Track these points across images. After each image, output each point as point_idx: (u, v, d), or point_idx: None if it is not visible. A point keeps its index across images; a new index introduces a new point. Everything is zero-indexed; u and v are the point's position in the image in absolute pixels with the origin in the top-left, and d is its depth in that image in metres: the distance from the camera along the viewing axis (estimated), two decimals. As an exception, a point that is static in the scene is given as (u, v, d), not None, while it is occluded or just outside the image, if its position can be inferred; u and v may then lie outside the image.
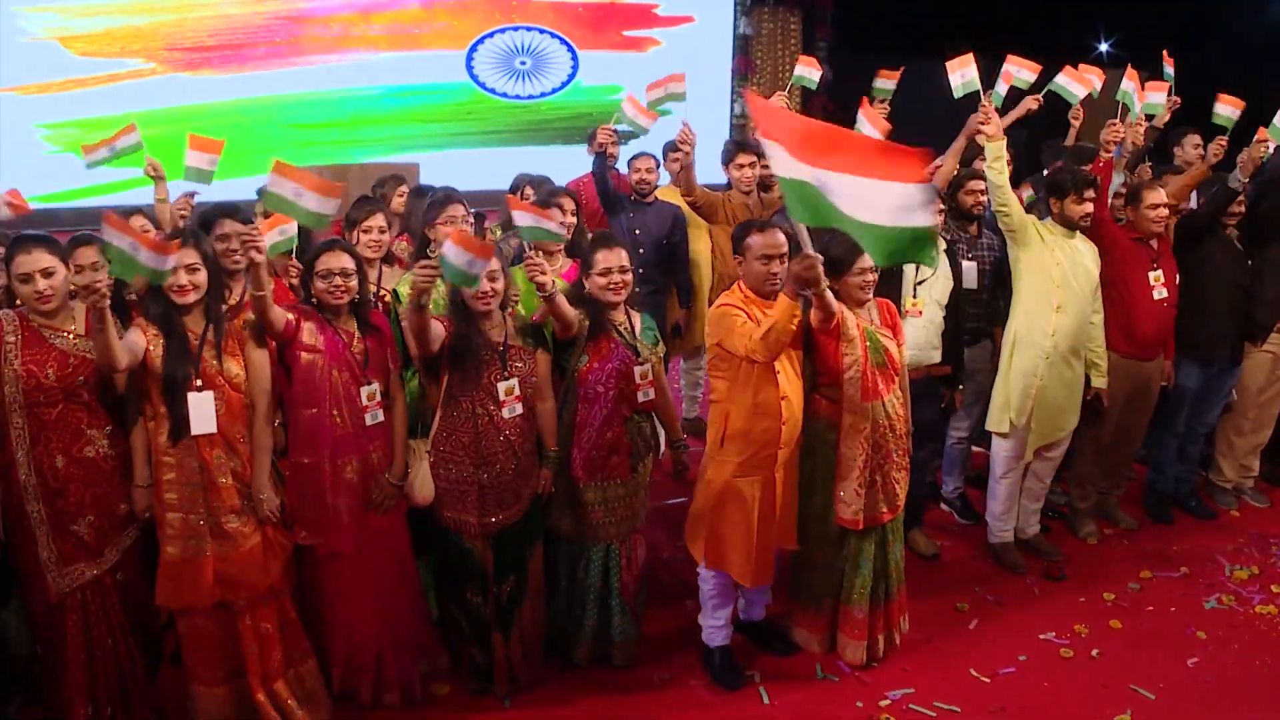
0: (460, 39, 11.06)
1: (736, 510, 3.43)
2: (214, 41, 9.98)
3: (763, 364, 3.32)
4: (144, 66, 9.68)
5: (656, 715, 3.47)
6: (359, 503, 3.31)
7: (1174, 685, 3.66)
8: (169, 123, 9.86)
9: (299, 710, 3.28)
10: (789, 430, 3.42)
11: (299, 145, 10.32)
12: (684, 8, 11.74)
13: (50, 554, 3.01)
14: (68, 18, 9.34)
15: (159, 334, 3.01)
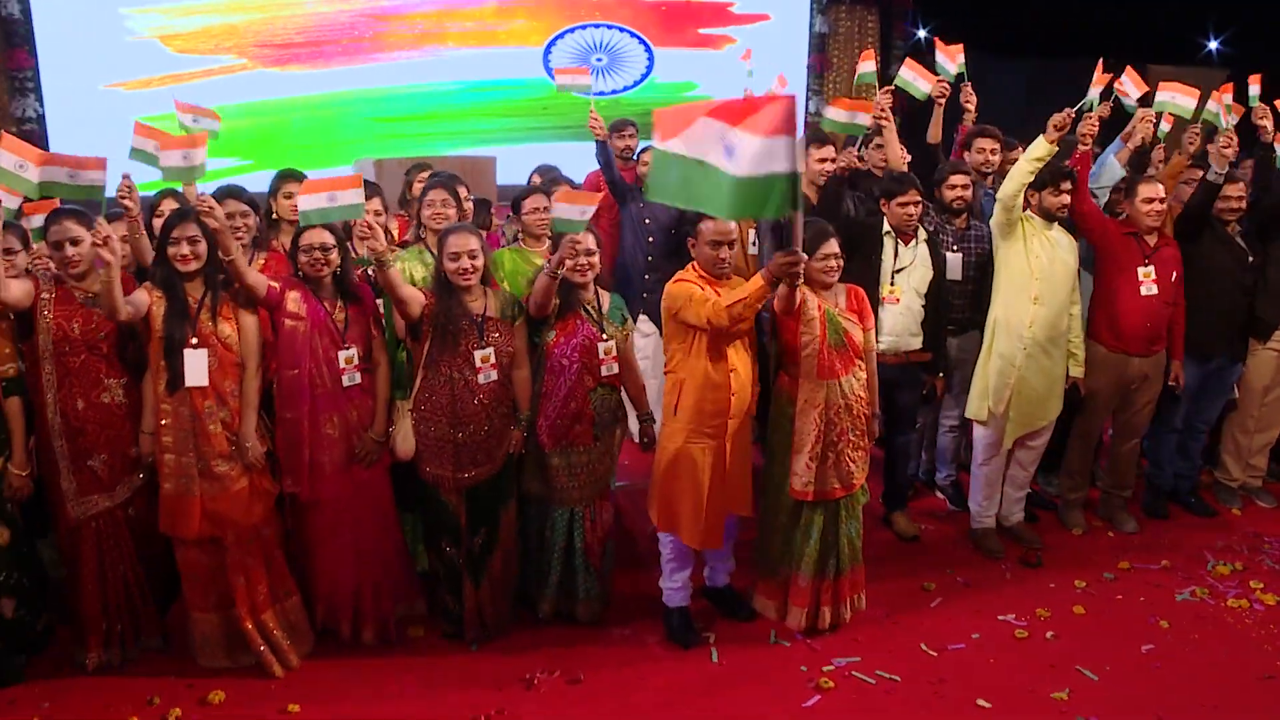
0: (537, 36, 11.50)
1: (687, 475, 3.68)
2: (301, 38, 10.65)
3: (713, 339, 3.57)
4: (235, 62, 10.41)
5: (608, 666, 3.75)
6: (340, 456, 3.68)
7: (1121, 669, 3.75)
8: (258, 115, 10.62)
9: (284, 640, 3.68)
10: (738, 402, 3.66)
11: (380, 138, 10.93)
12: (760, 5, 11.91)
13: (70, 485, 3.48)
14: (170, 17, 10.09)
15: (162, 296, 3.44)
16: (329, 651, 3.81)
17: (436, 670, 3.71)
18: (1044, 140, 4.14)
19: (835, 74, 12.17)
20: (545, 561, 3.96)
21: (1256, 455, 5.13)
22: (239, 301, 3.53)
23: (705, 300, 3.50)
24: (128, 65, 9.91)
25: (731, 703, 3.52)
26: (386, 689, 3.59)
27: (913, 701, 3.55)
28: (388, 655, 3.81)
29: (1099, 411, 4.71)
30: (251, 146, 10.50)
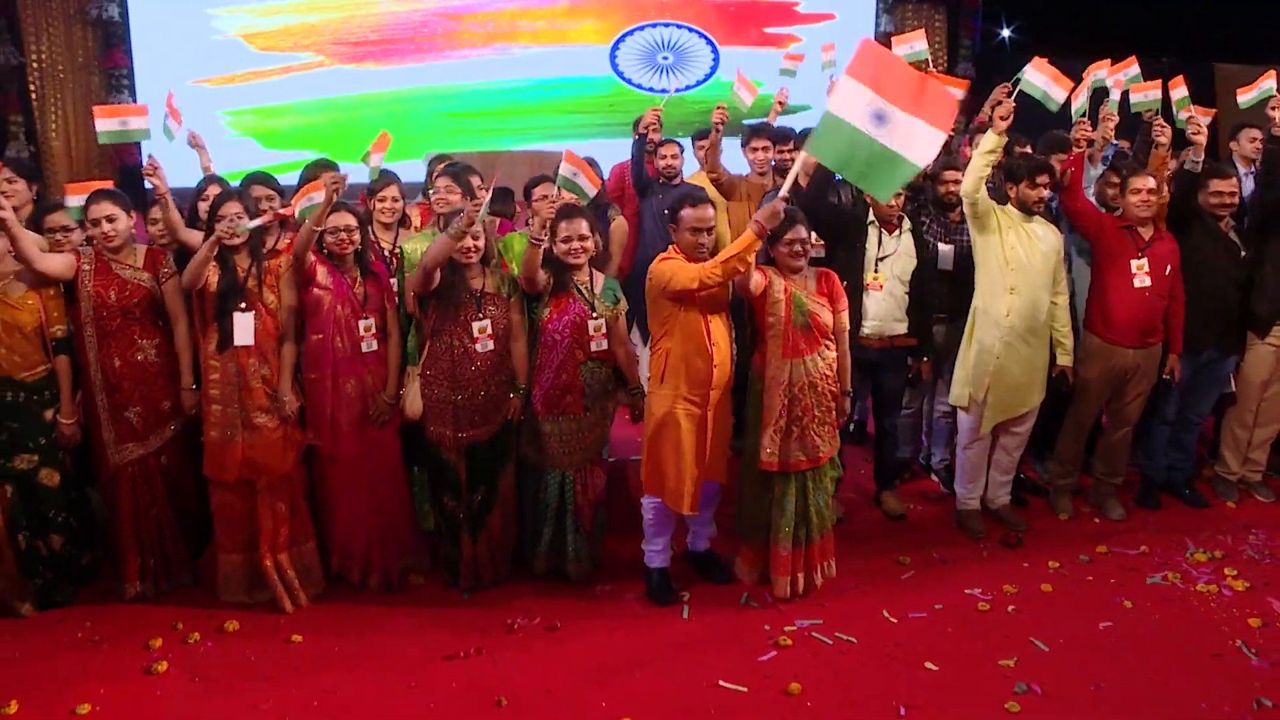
0: (605, 35, 11.88)
1: (670, 440, 3.98)
2: (376, 36, 11.24)
3: (695, 314, 3.89)
4: (313, 60, 11.05)
5: (586, 617, 4.09)
6: (358, 415, 4.11)
7: (1074, 642, 3.92)
8: (333, 110, 11.24)
9: (297, 580, 4.11)
10: (719, 374, 3.95)
11: (451, 133, 11.45)
12: (825, 5, 12.08)
13: (109, 434, 3.97)
14: (253, 17, 10.77)
15: (216, 266, 3.91)
16: (338, 595, 4.23)
17: (429, 614, 4.10)
18: (992, 133, 4.35)
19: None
20: (538, 522, 4.31)
21: (1256, 450, 5.20)
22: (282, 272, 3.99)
23: (694, 268, 3.82)
24: (213, 62, 10.62)
25: (690, 655, 3.82)
26: (381, 627, 3.99)
27: (864, 661, 3.80)
28: (389, 600, 4.22)
29: (1091, 400, 4.86)
30: (327, 140, 11.11)
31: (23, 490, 3.95)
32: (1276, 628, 4.04)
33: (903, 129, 3.36)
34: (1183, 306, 4.75)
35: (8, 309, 3.84)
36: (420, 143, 10.84)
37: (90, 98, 10.12)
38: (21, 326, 3.85)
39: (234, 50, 10.71)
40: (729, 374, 4.01)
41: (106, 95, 10.11)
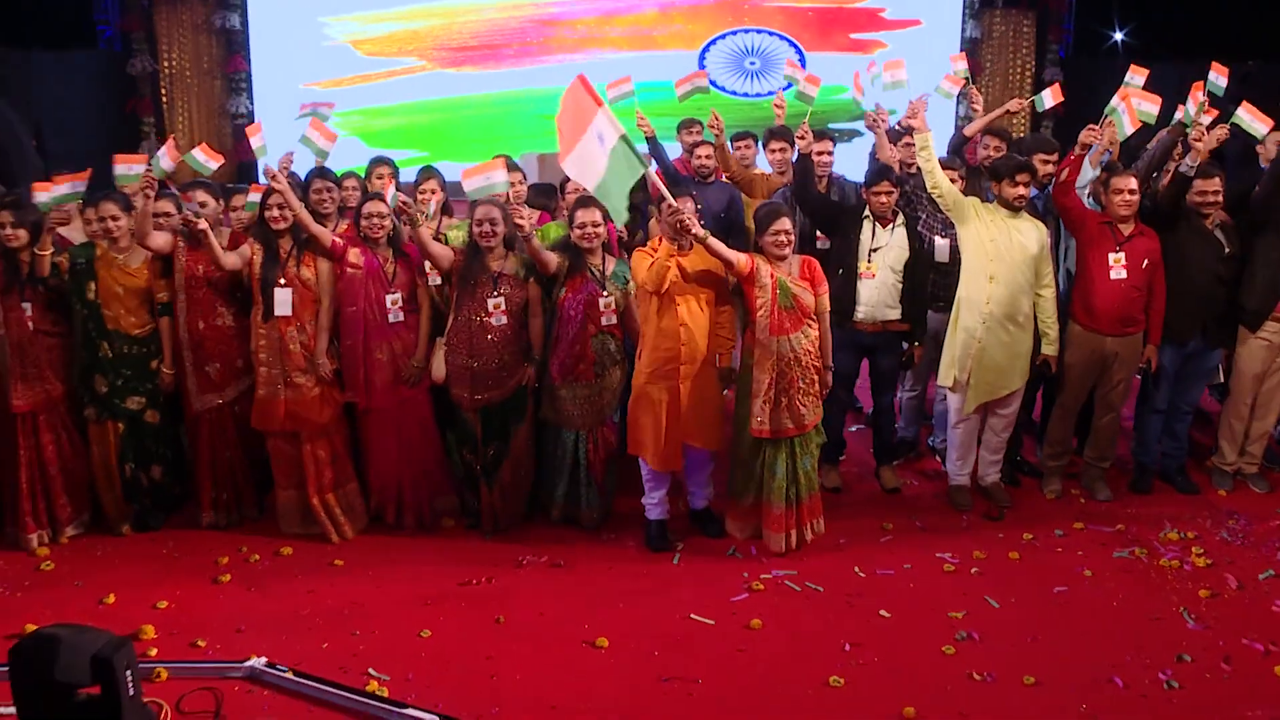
0: (694, 40, 12.54)
1: (647, 409, 4.62)
2: (475, 42, 12.17)
3: (668, 299, 4.52)
4: (416, 64, 12.04)
5: (588, 558, 4.75)
6: (389, 376, 4.85)
7: (1024, 601, 4.38)
8: (435, 112, 12.22)
9: (342, 516, 4.89)
10: (688, 351, 4.57)
11: (545, 134, 12.19)
12: (911, 11, 12.45)
13: (193, 384, 4.83)
14: (361, 24, 11.80)
15: (260, 247, 4.73)
16: (377, 531, 5.00)
17: (452, 549, 4.83)
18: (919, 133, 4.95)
19: (987, 78, 12.51)
20: (555, 475, 4.99)
21: (1253, 443, 5.47)
22: (316, 252, 4.79)
23: (644, 268, 4.47)
24: (324, 67, 11.71)
25: (671, 592, 4.43)
26: (410, 558, 4.73)
27: (824, 606, 4.34)
28: (421, 536, 4.97)
29: (1076, 385, 5.26)
30: (429, 139, 12.12)
31: (131, 427, 4.85)
32: (1223, 598, 4.41)
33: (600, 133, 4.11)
34: (1163, 299, 5.10)
35: (127, 275, 4.74)
36: (517, 142, 11.63)
37: (213, 100, 11.37)
38: (135, 289, 4.76)
39: (343, 55, 11.79)
40: (701, 350, 4.61)
41: (227, 98, 11.29)
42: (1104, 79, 10.08)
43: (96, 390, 4.80)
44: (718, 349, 4.80)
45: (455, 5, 11.95)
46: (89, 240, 4.87)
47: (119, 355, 4.79)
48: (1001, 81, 12.45)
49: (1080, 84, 11.89)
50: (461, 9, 12.00)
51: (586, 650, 4.01)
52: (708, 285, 4.63)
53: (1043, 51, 12.37)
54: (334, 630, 4.11)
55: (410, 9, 11.85)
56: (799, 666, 3.91)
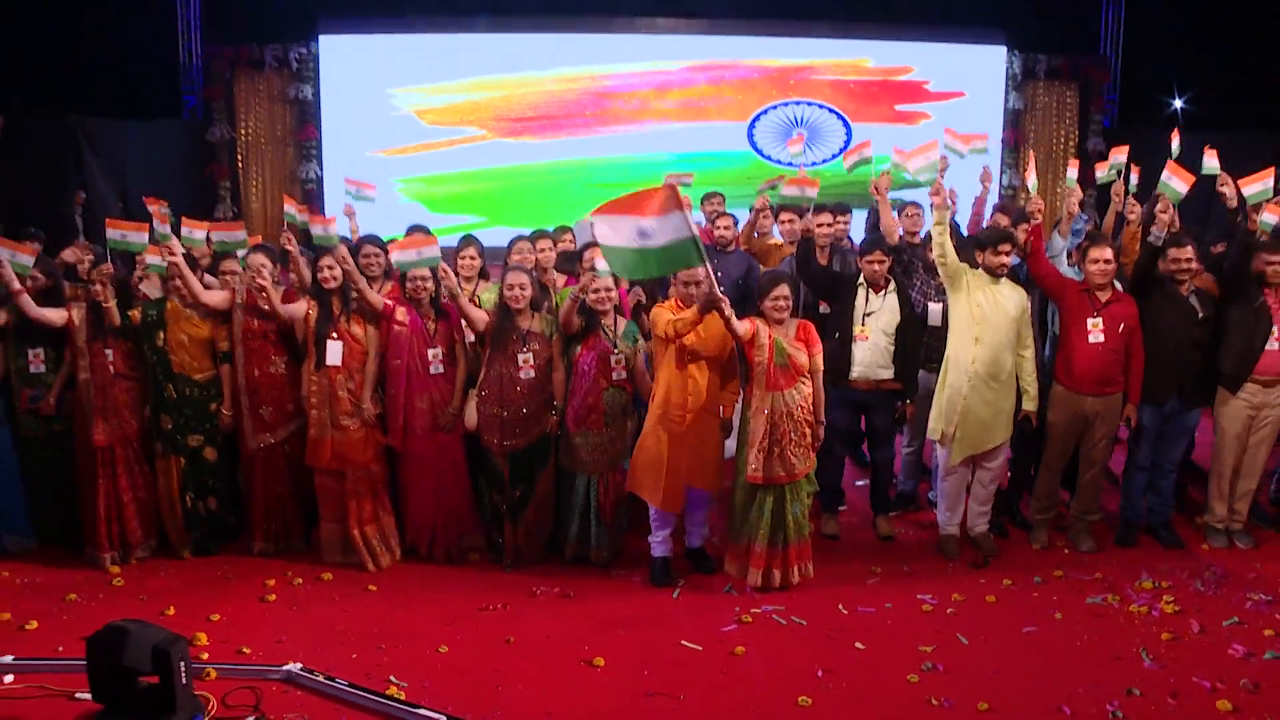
0: (743, 112, 13.35)
1: (650, 452, 5.23)
2: (534, 113, 13.09)
3: (678, 354, 5.15)
4: (477, 133, 13.00)
5: (596, 591, 5.34)
6: (427, 423, 5.54)
7: (993, 639, 4.84)
8: (494, 179, 13.15)
9: (378, 547, 5.56)
10: (693, 401, 5.18)
11: (600, 201, 13.01)
12: (955, 83, 13.10)
13: (249, 425, 5.58)
14: (425, 95, 12.80)
15: (315, 304, 5.49)
16: (410, 561, 5.66)
17: (474, 580, 5.46)
18: (939, 210, 5.42)
19: (1031, 148, 13.04)
20: (569, 515, 5.61)
21: (1239, 500, 5.87)
22: (365, 313, 5.52)
23: (667, 321, 5.10)
24: (390, 135, 12.73)
25: (667, 622, 4.99)
26: (437, 586, 5.37)
27: (805, 638, 4.86)
28: (448, 568, 5.61)
29: (1060, 443, 5.75)
30: (488, 206, 13.03)
31: (191, 462, 5.60)
32: (1183, 641, 4.83)
33: (661, 228, 4.58)
34: (1140, 361, 5.57)
35: (193, 326, 5.54)
36: (571, 209, 12.38)
37: (285, 166, 12.42)
38: (199, 338, 5.55)
39: (408, 125, 12.80)
40: (703, 402, 5.22)
41: (298, 165, 12.31)
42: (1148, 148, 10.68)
43: (162, 428, 5.58)
44: (722, 402, 5.39)
45: (515, 78, 12.91)
46: (162, 295, 5.67)
47: (183, 397, 5.57)
48: (1045, 151, 12.98)
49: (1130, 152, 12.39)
50: (521, 81, 12.95)
51: (584, 668, 4.58)
52: (716, 344, 5.25)
53: (1086, 121, 12.89)
54: (363, 643, 4.75)
55: (472, 81, 12.84)
56: (773, 688, 4.43)
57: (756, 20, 12.97)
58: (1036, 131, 12.96)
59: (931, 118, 13.07)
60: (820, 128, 13.20)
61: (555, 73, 12.91)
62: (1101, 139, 12.75)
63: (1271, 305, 5.61)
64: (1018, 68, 12.71)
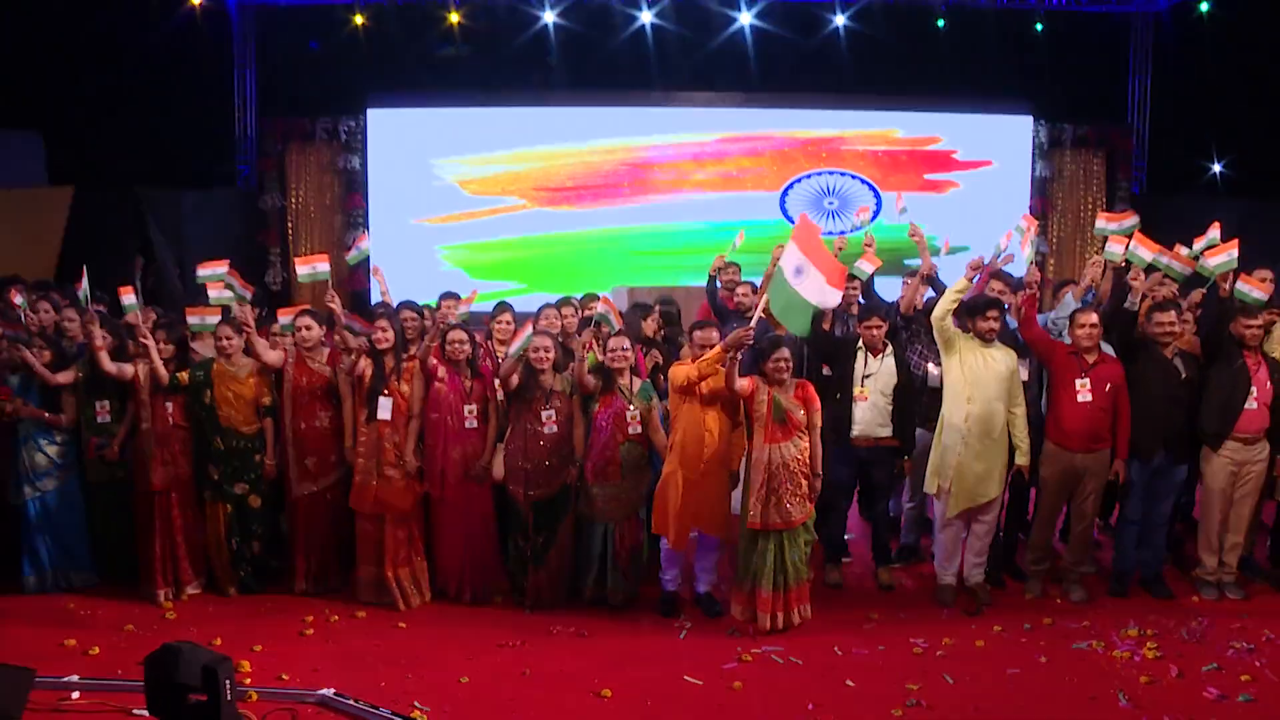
0: (776, 182, 14.04)
1: (669, 494, 5.76)
2: (572, 183, 13.85)
3: (695, 404, 5.70)
4: (517, 203, 13.76)
5: (609, 630, 5.85)
6: (460, 473, 6.13)
7: (978, 679, 5.27)
8: (532, 247, 13.88)
9: (410, 589, 6.12)
10: (708, 450, 5.72)
11: (637, 269, 13.78)
12: (982, 152, 13.70)
13: (294, 474, 6.21)
14: (468, 166, 13.60)
15: (370, 363, 6.13)
16: (439, 602, 6.22)
17: (497, 618, 6.00)
18: (963, 279, 5.92)
19: (1059, 215, 13.55)
20: (587, 561, 6.14)
21: (1228, 554, 6.25)
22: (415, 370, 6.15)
23: (685, 370, 5.68)
24: (433, 204, 13.55)
25: (673, 659, 5.48)
26: (462, 625, 5.92)
27: (800, 676, 5.33)
28: (474, 609, 6.16)
29: (1052, 497, 6.19)
30: (527, 272, 13.77)
31: (237, 508, 6.23)
32: (1161, 684, 5.22)
33: (811, 282, 5.15)
34: (1127, 419, 6.02)
35: (237, 384, 6.20)
36: (608, 276, 13.11)
37: (333, 234, 13.26)
38: (244, 396, 6.20)
39: (450, 194, 13.62)
40: (716, 451, 5.76)
41: (345, 232, 13.14)
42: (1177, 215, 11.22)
43: (210, 476, 6.23)
44: (731, 454, 5.93)
45: (554, 149, 13.73)
46: (209, 357, 6.33)
47: (229, 449, 6.22)
48: (1073, 219, 13.48)
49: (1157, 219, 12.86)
50: (560, 153, 13.76)
51: (592, 698, 5.09)
52: (730, 400, 5.80)
53: (1113, 189, 13.37)
54: (391, 672, 5.30)
55: (513, 152, 13.65)
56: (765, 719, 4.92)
57: (788, 93, 13.70)
58: (1064, 198, 13.47)
59: (960, 186, 13.66)
60: (850, 197, 13.82)
61: (593, 144, 13.69)
62: (1129, 205, 13.18)
63: (1251, 366, 6.06)
64: (1044, 137, 13.27)
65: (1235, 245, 6.15)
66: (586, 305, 7.65)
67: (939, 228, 7.35)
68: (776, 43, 13.54)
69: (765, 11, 13.42)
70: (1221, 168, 14.20)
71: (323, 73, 13.79)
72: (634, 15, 13.46)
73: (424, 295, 7.15)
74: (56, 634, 5.71)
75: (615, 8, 13.40)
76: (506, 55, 13.70)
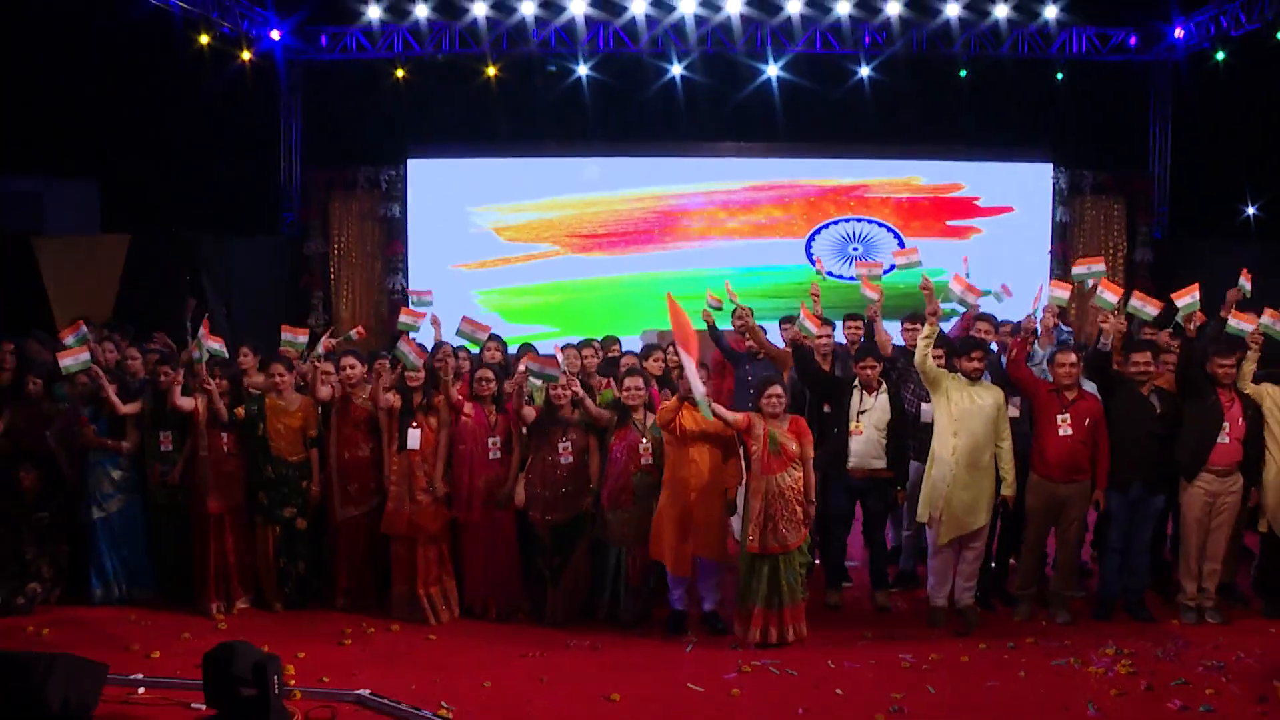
0: (802, 229, 14.78)
1: (664, 524, 6.46)
2: (604, 230, 14.66)
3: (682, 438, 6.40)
4: (551, 249, 14.58)
5: (621, 644, 6.52)
6: (484, 499, 6.86)
7: (959, 690, 5.86)
8: (566, 292, 14.65)
9: (440, 605, 6.84)
10: (696, 481, 6.42)
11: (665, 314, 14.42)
12: (1004, 199, 14.36)
13: (337, 499, 6.97)
14: (504, 213, 14.45)
15: (399, 398, 6.90)
16: (466, 618, 6.94)
17: (519, 634, 6.69)
18: (929, 326, 6.59)
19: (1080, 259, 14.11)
20: (601, 581, 6.84)
21: (1206, 579, 6.80)
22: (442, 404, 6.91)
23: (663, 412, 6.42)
24: (470, 250, 14.40)
25: (678, 668, 6.14)
26: (486, 638, 6.63)
27: (794, 685, 5.95)
28: (497, 624, 6.87)
29: (1038, 524, 6.80)
30: (560, 316, 14.55)
31: (285, 530, 7.00)
32: (1129, 697, 5.77)
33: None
34: (1106, 451, 6.63)
35: (287, 417, 7.00)
36: (638, 320, 13.84)
37: (373, 279, 14.17)
38: (293, 427, 7.00)
39: (487, 240, 14.48)
40: (704, 482, 6.45)
41: (385, 277, 14.03)
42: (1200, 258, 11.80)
43: (261, 501, 7.02)
44: (726, 484, 6.61)
45: (586, 197, 14.61)
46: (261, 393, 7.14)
47: (279, 476, 7.01)
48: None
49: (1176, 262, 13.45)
50: (592, 201, 14.62)
51: (602, 702, 5.75)
52: (715, 436, 6.50)
53: (1134, 233, 13.94)
54: (421, 677, 6.00)
55: (546, 200, 14.52)
56: (756, 720, 5.57)
57: (813, 143, 14.49)
58: (1084, 243, 14.04)
59: (982, 232, 14.31)
60: (875, 243, 14.50)
61: (624, 193, 14.54)
62: (1150, 249, 13.81)
63: (1224, 403, 6.65)
64: (1064, 183, 13.91)
65: (1197, 288, 6.78)
66: (607, 348, 8.41)
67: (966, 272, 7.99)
68: (803, 94, 14.31)
69: (792, 64, 14.21)
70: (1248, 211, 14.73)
71: (365, 124, 14.80)
72: (665, 68, 14.32)
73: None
74: (121, 639, 6.50)
75: (646, 61, 14.26)
76: (541, 107, 14.63)
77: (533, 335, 12.95)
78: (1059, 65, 14.16)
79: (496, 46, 13.96)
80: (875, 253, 14.35)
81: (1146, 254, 13.71)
